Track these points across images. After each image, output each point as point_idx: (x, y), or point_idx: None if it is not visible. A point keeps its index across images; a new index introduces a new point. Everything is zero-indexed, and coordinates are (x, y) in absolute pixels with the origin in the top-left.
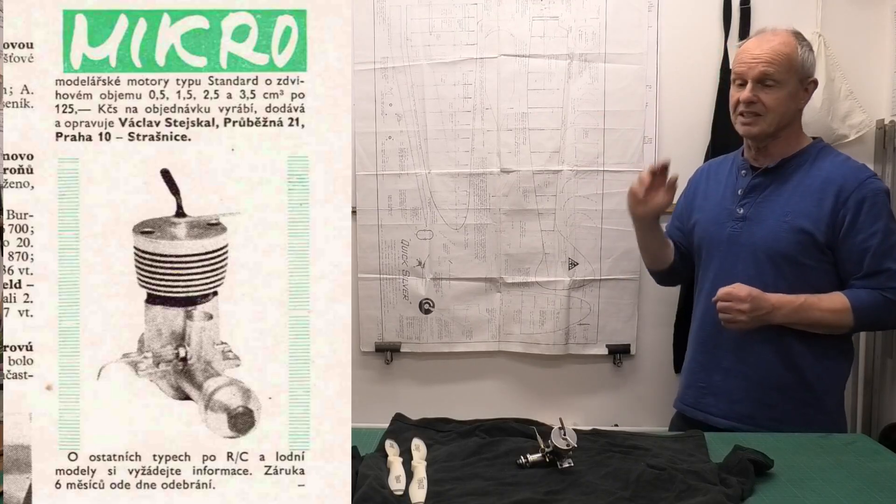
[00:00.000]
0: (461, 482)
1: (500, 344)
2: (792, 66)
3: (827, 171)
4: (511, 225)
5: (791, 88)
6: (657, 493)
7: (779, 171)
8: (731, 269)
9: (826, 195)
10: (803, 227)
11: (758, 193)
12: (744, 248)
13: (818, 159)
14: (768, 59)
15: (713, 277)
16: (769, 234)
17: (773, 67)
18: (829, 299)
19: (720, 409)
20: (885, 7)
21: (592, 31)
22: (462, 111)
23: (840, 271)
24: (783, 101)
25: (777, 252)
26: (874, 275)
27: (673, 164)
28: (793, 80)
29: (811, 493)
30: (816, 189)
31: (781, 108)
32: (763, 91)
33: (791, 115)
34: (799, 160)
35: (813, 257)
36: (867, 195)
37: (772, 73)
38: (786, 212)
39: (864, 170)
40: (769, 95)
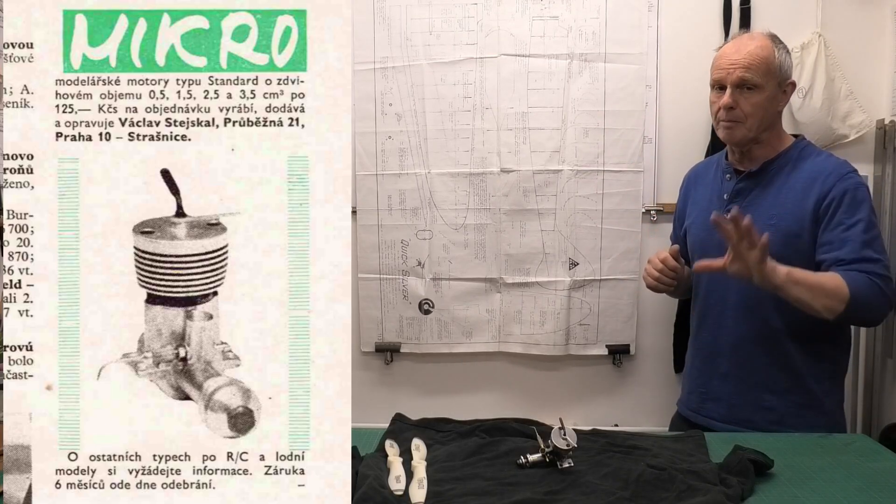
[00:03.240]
0: (461, 482)
1: (500, 344)
2: (770, 70)
3: (808, 170)
4: (511, 225)
5: (770, 92)
6: (657, 493)
7: (762, 175)
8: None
9: (809, 193)
10: (790, 228)
11: (743, 198)
12: None
13: (800, 160)
14: (746, 64)
15: (706, 283)
16: None
17: (750, 72)
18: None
19: (720, 414)
20: (885, 7)
21: (592, 31)
22: (462, 111)
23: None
24: (762, 104)
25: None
26: (857, 261)
27: (673, 164)
28: (771, 83)
29: (811, 493)
30: (799, 189)
31: (761, 113)
32: (742, 95)
33: (771, 119)
34: (781, 161)
35: (802, 257)
36: (848, 188)
37: (750, 78)
38: (771, 215)
39: (845, 165)
40: (748, 100)
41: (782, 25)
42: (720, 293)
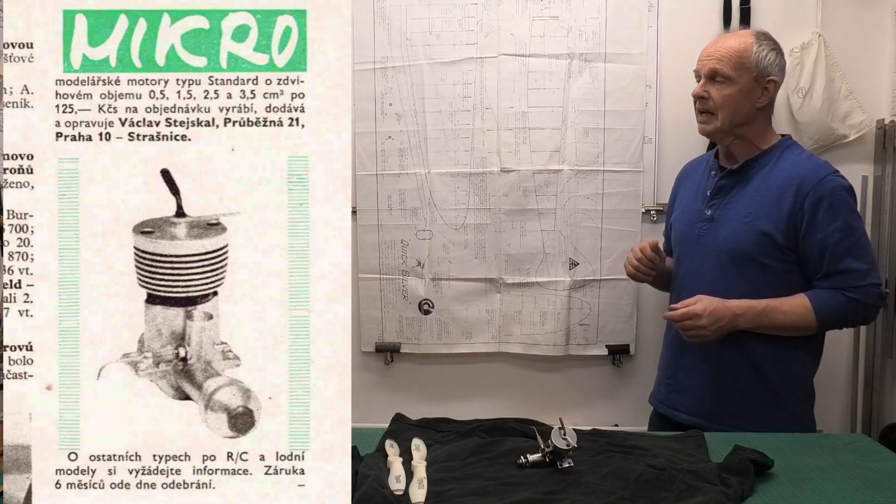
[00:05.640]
0: (461, 482)
1: (500, 345)
2: (742, 63)
3: (787, 172)
4: (511, 225)
5: (742, 85)
6: (657, 493)
7: (742, 173)
8: (698, 269)
9: (785, 196)
10: (763, 228)
11: (723, 195)
12: (709, 249)
13: (780, 159)
14: (718, 56)
15: (682, 276)
16: (731, 236)
17: (721, 64)
18: (791, 302)
19: (684, 406)
20: (885, 7)
21: (592, 31)
22: (462, 111)
23: (804, 271)
24: (733, 97)
25: (739, 253)
26: (835, 274)
27: (673, 164)
28: (745, 77)
29: (811, 493)
30: (776, 190)
31: (732, 105)
32: (714, 87)
33: (746, 114)
34: (763, 160)
35: (774, 258)
36: (824, 194)
37: (720, 70)
38: (747, 213)
39: (825, 167)
40: (718, 92)
41: (782, 25)
42: (693, 289)
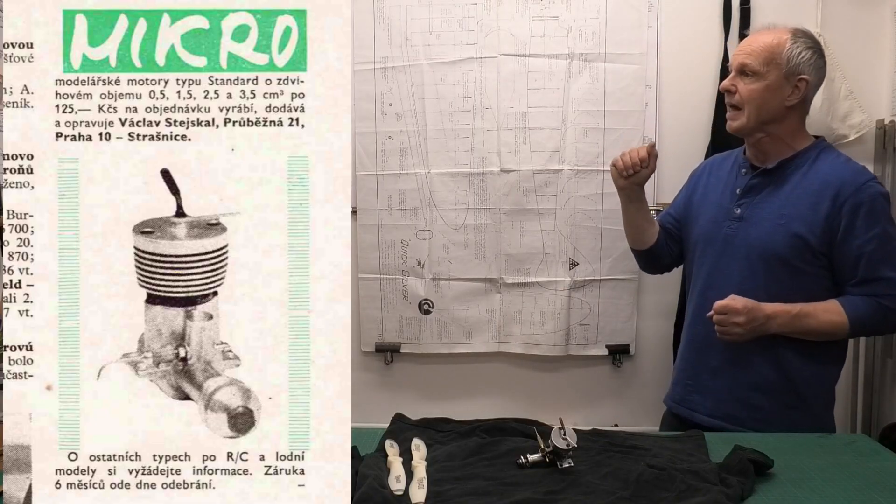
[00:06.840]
0: (461, 482)
1: (500, 345)
2: (773, 59)
3: (825, 174)
4: (511, 225)
5: (770, 82)
6: (657, 493)
7: (777, 173)
8: (724, 268)
9: (822, 199)
10: (798, 231)
11: (755, 194)
12: (738, 249)
13: (817, 161)
14: (749, 51)
15: (706, 275)
16: (764, 236)
17: (751, 58)
18: (825, 308)
19: (706, 408)
20: (885, 7)
21: (592, 31)
22: (462, 111)
23: (836, 276)
24: (759, 92)
25: (771, 254)
26: (870, 282)
27: (673, 164)
28: (773, 73)
29: (811, 493)
30: (813, 192)
31: (757, 100)
32: (742, 81)
33: (774, 111)
34: (798, 161)
35: (807, 261)
36: (864, 200)
37: (749, 64)
38: (781, 214)
39: (864, 173)
40: (745, 86)
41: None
42: (719, 288)
